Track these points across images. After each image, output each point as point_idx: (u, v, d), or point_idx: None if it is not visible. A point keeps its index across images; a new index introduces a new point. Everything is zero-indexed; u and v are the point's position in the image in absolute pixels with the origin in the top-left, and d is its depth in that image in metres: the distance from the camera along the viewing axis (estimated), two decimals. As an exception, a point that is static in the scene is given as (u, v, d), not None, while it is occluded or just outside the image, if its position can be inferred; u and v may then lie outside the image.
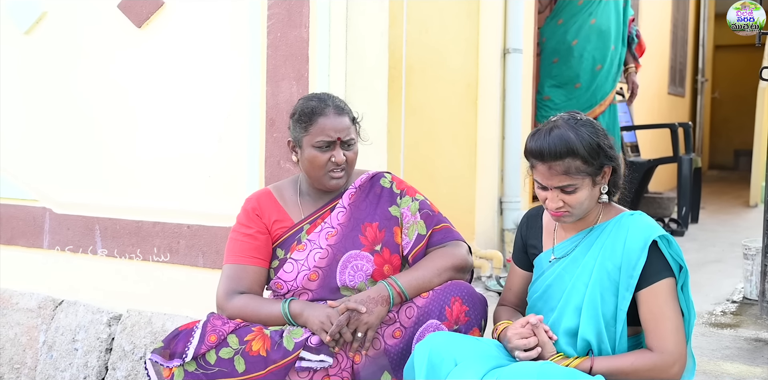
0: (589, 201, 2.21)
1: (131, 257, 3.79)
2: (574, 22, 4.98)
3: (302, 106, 2.54)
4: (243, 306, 2.46)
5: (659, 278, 2.11)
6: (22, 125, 4.09)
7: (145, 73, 3.74)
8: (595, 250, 2.20)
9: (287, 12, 3.28)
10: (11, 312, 3.99)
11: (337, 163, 2.48)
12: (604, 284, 2.16)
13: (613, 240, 2.18)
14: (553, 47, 5.11)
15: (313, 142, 2.48)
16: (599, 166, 2.18)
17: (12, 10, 4.06)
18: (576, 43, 4.95)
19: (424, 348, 2.19)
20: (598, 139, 2.18)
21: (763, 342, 3.27)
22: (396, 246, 2.55)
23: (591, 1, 4.92)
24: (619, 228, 2.20)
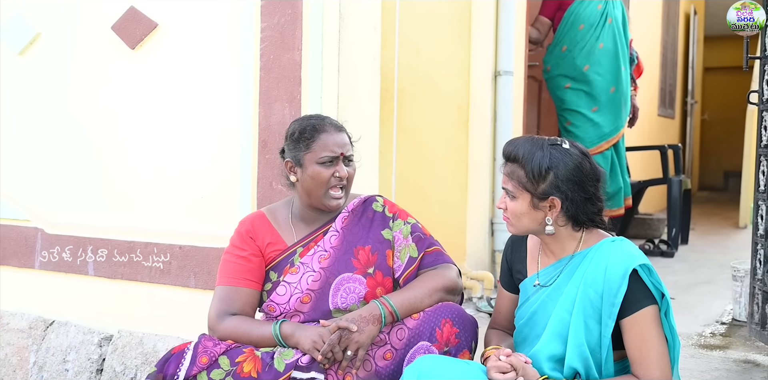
0: (528, 219, 2.25)
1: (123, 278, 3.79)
2: (581, 48, 4.99)
3: (301, 125, 2.56)
4: (234, 328, 2.46)
5: (641, 306, 2.11)
6: (15, 145, 4.09)
7: (138, 94, 3.75)
8: (577, 278, 2.20)
9: (280, 35, 3.30)
10: (2, 332, 3.97)
11: (340, 178, 2.51)
12: (588, 312, 2.16)
13: (594, 267, 2.18)
14: (563, 73, 5.11)
15: (316, 158, 2.49)
16: (543, 192, 2.20)
17: (6, 30, 4.07)
18: (588, 68, 4.98)
19: (413, 371, 2.19)
20: (555, 168, 2.19)
21: (752, 363, 3.28)
22: (388, 268, 2.56)
23: (595, 26, 4.94)
24: (600, 255, 2.20)
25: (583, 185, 2.20)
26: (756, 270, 3.46)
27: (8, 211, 4.12)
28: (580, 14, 4.99)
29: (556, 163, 2.19)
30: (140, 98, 3.75)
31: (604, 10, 4.97)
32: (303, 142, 2.52)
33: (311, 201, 2.57)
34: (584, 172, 2.20)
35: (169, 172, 3.68)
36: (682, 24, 9.91)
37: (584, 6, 4.99)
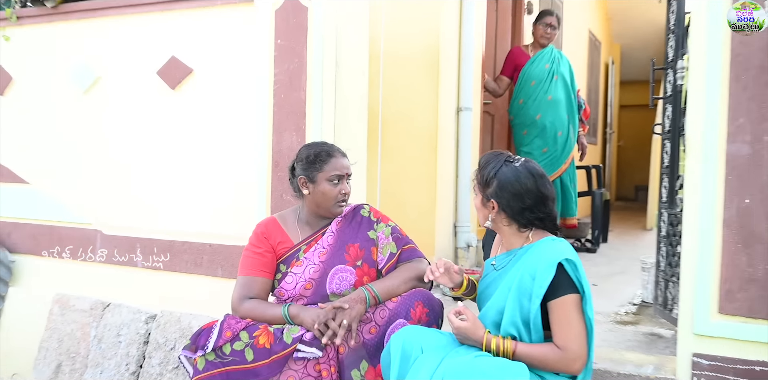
0: (480, 214, 2.32)
1: (165, 269, 3.78)
2: (533, 100, 4.86)
3: (316, 151, 2.59)
4: (252, 309, 2.46)
5: (565, 293, 2.09)
6: (80, 165, 4.07)
7: (177, 124, 3.75)
8: (519, 266, 2.20)
9: (289, 79, 3.30)
10: (69, 312, 3.94)
11: (345, 194, 2.55)
12: (522, 292, 2.15)
13: (533, 258, 2.17)
14: (521, 122, 4.97)
15: (327, 176, 2.52)
16: (487, 195, 2.26)
17: (75, 74, 4.06)
18: (539, 117, 4.85)
19: (399, 338, 2.20)
20: (498, 179, 2.23)
21: (657, 335, 3.29)
22: (373, 261, 2.57)
23: (543, 82, 4.85)
24: (539, 249, 2.20)
25: (521, 197, 2.20)
26: (659, 263, 3.48)
27: (75, 217, 4.09)
28: (531, 73, 4.90)
29: (501, 175, 2.22)
30: (179, 128, 3.74)
31: (551, 69, 4.88)
32: (318, 163, 2.54)
33: (319, 210, 2.58)
34: (524, 187, 2.20)
35: (202, 185, 3.67)
36: (602, 71, 9.97)
37: (534, 66, 4.91)
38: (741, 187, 2.42)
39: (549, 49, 4.97)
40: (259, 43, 3.38)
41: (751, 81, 2.41)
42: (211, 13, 3.62)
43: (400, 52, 4.46)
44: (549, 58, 4.93)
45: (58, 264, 4.15)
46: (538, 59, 4.93)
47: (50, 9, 4.09)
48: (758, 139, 2.40)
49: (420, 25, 4.52)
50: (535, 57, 4.95)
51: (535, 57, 4.95)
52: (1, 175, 4.34)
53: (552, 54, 4.96)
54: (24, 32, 4.26)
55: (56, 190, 4.16)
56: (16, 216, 4.31)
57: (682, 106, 3.21)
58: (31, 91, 4.24)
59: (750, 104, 2.41)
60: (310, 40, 3.25)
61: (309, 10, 3.25)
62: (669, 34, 3.45)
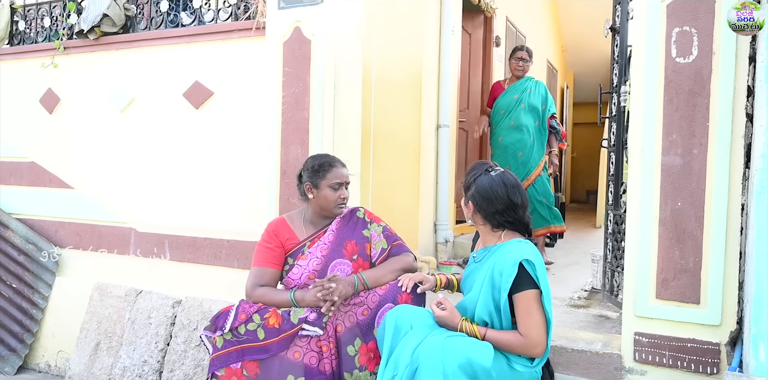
0: (465, 212, 2.35)
1: (189, 261, 3.76)
2: (500, 126, 4.77)
3: (320, 161, 2.60)
4: (263, 295, 2.46)
5: (526, 288, 2.13)
6: (119, 173, 4.06)
7: (200, 138, 3.74)
8: (491, 262, 2.23)
9: (295, 100, 3.30)
10: (107, 298, 3.92)
11: (344, 198, 2.57)
12: (493, 285, 2.18)
13: (501, 256, 2.19)
14: (492, 143, 4.89)
15: (329, 183, 2.53)
16: (467, 197, 2.31)
17: (112, 95, 4.05)
18: (501, 139, 4.75)
19: (393, 314, 2.24)
20: (474, 185, 2.27)
21: (604, 317, 3.30)
22: (367, 256, 2.57)
23: (510, 110, 4.73)
24: (506, 249, 2.22)
25: (493, 201, 2.23)
26: (606, 256, 3.50)
27: (112, 216, 4.08)
28: (501, 103, 4.79)
29: (478, 181, 2.26)
30: (202, 141, 3.73)
31: (519, 99, 4.73)
32: (321, 172, 2.55)
33: (322, 211, 2.59)
34: (495, 193, 2.23)
35: (220, 190, 3.67)
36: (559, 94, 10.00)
37: (505, 98, 4.80)
38: (674, 192, 2.44)
39: (521, 82, 4.83)
40: (270, 70, 3.39)
41: (682, 103, 2.43)
42: (229, 44, 3.63)
43: (388, 78, 4.46)
44: (520, 89, 4.79)
45: (97, 257, 4.13)
46: (510, 91, 4.82)
47: (92, 41, 4.08)
48: (688, 152, 2.42)
49: (406, 55, 4.53)
50: (507, 90, 4.84)
51: (507, 90, 4.83)
52: (51, 181, 4.33)
53: (524, 85, 4.81)
54: (70, 60, 4.25)
55: (97, 194, 4.15)
56: (62, 216, 4.29)
57: (625, 123, 3.22)
58: (76, 109, 4.23)
59: (681, 122, 2.43)
60: (312, 68, 3.25)
61: (312, 42, 3.26)
62: (614, 64, 3.48)
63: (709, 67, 2.39)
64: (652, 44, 2.48)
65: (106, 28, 4.00)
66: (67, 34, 4.26)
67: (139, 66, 3.96)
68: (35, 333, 4.22)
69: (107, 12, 3.93)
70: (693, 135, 2.41)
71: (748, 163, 2.35)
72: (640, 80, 2.52)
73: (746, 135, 2.35)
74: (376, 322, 2.34)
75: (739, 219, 2.36)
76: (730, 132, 2.35)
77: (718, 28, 2.38)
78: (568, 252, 5.66)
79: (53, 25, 4.38)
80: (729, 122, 2.35)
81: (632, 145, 2.55)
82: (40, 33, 4.45)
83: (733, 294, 2.37)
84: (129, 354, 3.66)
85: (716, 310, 2.37)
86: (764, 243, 2.12)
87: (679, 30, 2.44)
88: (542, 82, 4.85)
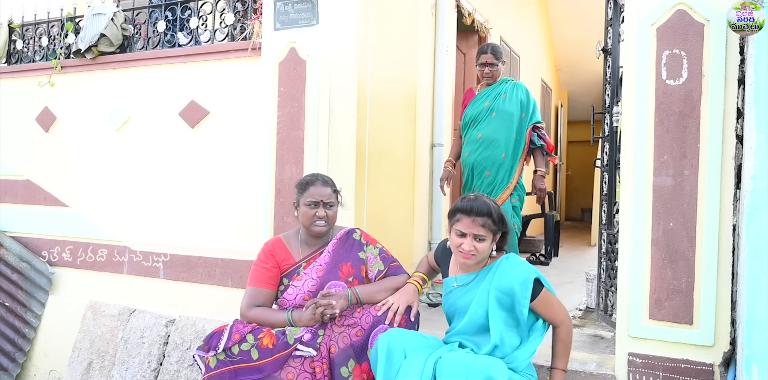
0: (487, 251, 2.29)
1: (183, 280, 3.75)
2: (468, 139, 3.93)
3: (305, 180, 2.62)
4: (259, 315, 2.45)
5: (538, 292, 2.28)
6: (114, 191, 4.06)
7: (195, 157, 3.75)
8: (487, 283, 2.26)
9: (290, 120, 3.32)
10: (100, 317, 3.90)
11: (318, 217, 2.52)
12: (501, 306, 2.26)
13: (504, 276, 2.27)
14: (462, 158, 3.99)
15: (305, 201, 2.54)
16: (499, 229, 2.28)
17: (108, 114, 4.07)
18: (467, 155, 3.90)
19: (385, 338, 2.24)
20: (502, 213, 2.30)
21: (599, 337, 3.29)
22: (362, 278, 2.57)
23: (479, 120, 3.87)
24: (503, 268, 2.29)
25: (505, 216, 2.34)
26: (601, 275, 3.49)
27: (106, 235, 4.08)
28: (471, 113, 3.93)
29: (499, 208, 2.32)
30: (197, 160, 3.75)
31: (490, 107, 3.85)
32: (300, 190, 2.57)
33: (306, 230, 2.58)
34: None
35: (215, 209, 3.67)
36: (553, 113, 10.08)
37: (475, 106, 3.94)
38: (666, 213, 2.45)
39: (494, 86, 3.94)
40: (265, 90, 3.41)
41: (673, 125, 2.46)
42: (225, 64, 3.66)
43: (383, 98, 4.50)
44: (492, 94, 3.91)
45: (91, 276, 4.12)
46: (480, 98, 3.94)
47: (89, 60, 4.11)
48: (679, 173, 2.44)
49: (401, 75, 4.56)
50: (477, 96, 3.98)
51: (477, 96, 3.97)
52: (45, 199, 4.33)
53: (496, 89, 3.92)
54: (67, 79, 4.27)
55: (91, 212, 4.15)
56: (56, 234, 4.29)
57: (618, 144, 3.25)
58: (72, 128, 4.25)
59: (672, 144, 2.45)
60: (308, 88, 3.28)
61: (307, 63, 3.29)
62: (606, 85, 3.51)
63: (699, 90, 2.42)
64: (642, 66, 2.52)
65: (104, 48, 4.03)
66: (64, 54, 4.28)
67: (136, 85, 3.98)
68: (27, 352, 4.19)
69: (105, 32, 3.97)
70: (684, 156, 2.43)
71: (738, 184, 2.37)
72: (631, 101, 2.55)
73: (736, 156, 2.38)
74: (370, 343, 2.33)
75: (731, 239, 2.37)
76: (720, 153, 2.38)
77: (707, 51, 2.41)
78: (562, 271, 5.66)
79: (51, 45, 4.41)
80: (719, 144, 2.38)
81: (624, 165, 2.57)
82: (37, 52, 4.47)
83: (725, 314, 2.37)
84: (122, 373, 3.63)
85: (709, 331, 2.38)
86: (756, 264, 2.13)
87: (669, 53, 2.48)
88: (522, 84, 3.97)
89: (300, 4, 3.34)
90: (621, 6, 3.27)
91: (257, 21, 3.53)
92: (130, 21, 4.09)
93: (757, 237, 2.15)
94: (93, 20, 4.03)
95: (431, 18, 4.78)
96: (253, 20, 3.57)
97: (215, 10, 3.74)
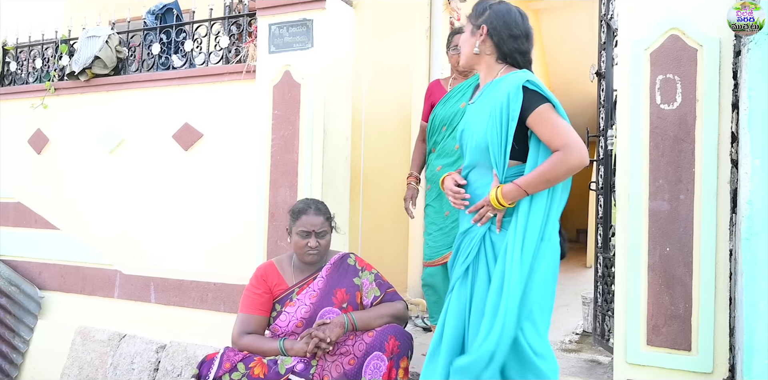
0: (467, 44, 2.13)
1: (174, 304, 3.71)
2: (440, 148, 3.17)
3: (298, 207, 2.59)
4: (250, 343, 2.42)
5: (537, 105, 1.96)
6: (106, 214, 4.03)
7: (188, 180, 3.74)
8: (490, 97, 2.07)
9: (284, 142, 3.32)
10: (89, 342, 3.84)
11: (310, 247, 2.50)
12: (496, 120, 2.00)
13: (502, 87, 2.03)
14: (427, 174, 3.30)
15: (297, 230, 2.51)
16: (479, 23, 2.10)
17: (101, 137, 4.06)
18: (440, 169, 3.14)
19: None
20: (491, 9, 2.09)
21: (596, 362, 3.26)
22: (357, 304, 2.54)
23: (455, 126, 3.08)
24: (507, 79, 2.05)
25: (510, 26, 2.06)
26: (597, 299, 3.47)
27: (97, 258, 4.04)
28: (441, 114, 3.13)
29: (495, 6, 2.10)
30: (190, 183, 3.73)
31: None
32: (293, 218, 2.54)
33: (297, 256, 2.56)
34: (513, 17, 2.07)
35: (208, 232, 3.64)
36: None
37: (448, 105, 3.13)
38: (662, 237, 2.44)
39: (470, 81, 3.14)
40: (259, 112, 3.41)
41: (668, 149, 2.46)
42: (220, 87, 3.66)
43: (379, 120, 4.51)
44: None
45: (81, 300, 4.07)
46: (454, 95, 3.14)
47: (83, 82, 4.11)
48: (675, 197, 2.44)
49: (396, 97, 4.58)
50: (449, 93, 3.16)
51: (450, 93, 3.16)
52: (36, 222, 4.29)
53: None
54: (60, 101, 4.27)
55: (83, 236, 4.11)
56: (47, 257, 4.25)
57: (612, 167, 3.25)
58: (64, 150, 4.23)
59: (667, 168, 2.46)
60: (302, 111, 3.28)
61: (302, 86, 3.30)
62: (600, 108, 3.52)
63: (694, 114, 2.43)
64: (636, 91, 2.53)
65: (98, 70, 4.03)
66: (58, 76, 4.29)
67: (130, 108, 3.98)
68: (15, 378, 4.12)
69: (99, 54, 3.97)
70: (680, 180, 2.43)
71: (734, 209, 2.37)
72: (625, 126, 2.55)
73: (732, 180, 2.38)
74: (363, 371, 2.29)
75: (728, 264, 2.36)
76: (715, 178, 2.38)
77: (701, 75, 2.42)
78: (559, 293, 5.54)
79: (45, 66, 4.42)
80: (714, 168, 2.38)
81: (620, 189, 2.57)
82: (31, 74, 4.48)
83: (724, 341, 2.35)
84: (110, 401, 3.58)
85: (708, 357, 2.35)
86: (754, 290, 2.12)
87: (663, 77, 2.49)
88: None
89: (295, 28, 3.36)
90: (614, 30, 3.30)
91: (252, 44, 3.54)
92: (124, 43, 4.10)
93: (755, 262, 2.14)
94: (87, 42, 4.04)
95: (426, 40, 4.82)
96: (247, 43, 3.59)
97: (210, 33, 3.76)
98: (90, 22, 4.29)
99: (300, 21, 3.33)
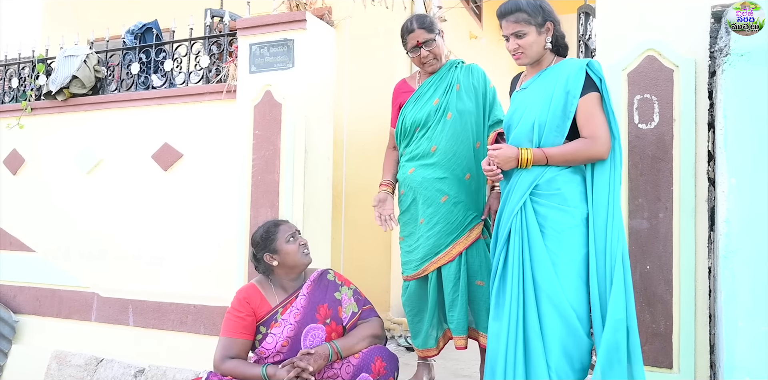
0: (537, 44, 2.28)
1: (153, 327, 3.68)
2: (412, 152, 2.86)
3: (263, 230, 2.60)
4: (233, 368, 2.40)
5: (588, 92, 2.18)
6: (83, 236, 4.00)
7: (168, 201, 3.73)
8: (546, 81, 2.28)
9: (265, 163, 3.33)
10: (66, 367, 3.79)
11: (303, 245, 2.58)
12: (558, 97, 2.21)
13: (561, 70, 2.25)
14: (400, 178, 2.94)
15: (284, 238, 2.56)
16: (543, 20, 2.26)
17: (79, 157, 4.04)
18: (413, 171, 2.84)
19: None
20: (542, 6, 2.26)
21: None
22: (339, 319, 2.54)
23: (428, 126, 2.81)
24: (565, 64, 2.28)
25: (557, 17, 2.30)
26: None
27: (74, 281, 4.01)
28: (414, 116, 2.82)
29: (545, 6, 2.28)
30: (170, 204, 3.72)
31: (442, 104, 2.79)
32: (271, 236, 2.54)
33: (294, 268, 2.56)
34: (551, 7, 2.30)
35: (187, 254, 3.63)
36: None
37: (420, 105, 2.83)
38: (642, 256, 2.49)
39: (441, 74, 2.87)
40: (240, 132, 3.43)
41: (647, 168, 2.52)
42: (200, 106, 3.68)
43: (361, 139, 4.55)
44: (441, 87, 2.85)
45: (57, 324, 4.02)
46: (424, 92, 2.86)
47: (60, 102, 4.11)
48: (654, 216, 2.49)
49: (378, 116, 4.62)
50: (418, 90, 2.88)
51: (419, 90, 2.88)
52: (11, 244, 4.25)
53: (447, 78, 2.85)
54: (36, 121, 4.25)
55: (59, 258, 4.08)
56: (21, 280, 4.20)
57: (593, 185, 3.29)
58: (41, 171, 4.21)
59: (646, 187, 2.51)
60: (283, 131, 3.30)
61: (283, 105, 3.33)
62: (580, 126, 3.59)
63: (671, 133, 2.49)
64: (617, 110, 2.58)
65: (75, 90, 4.03)
66: (35, 95, 4.27)
67: (108, 128, 3.98)
68: (-13, 405, 4.05)
69: (77, 73, 3.97)
70: (658, 199, 2.48)
71: (712, 227, 2.43)
72: (605, 145, 2.60)
73: (709, 199, 2.44)
74: (349, 393, 2.30)
75: (707, 282, 2.41)
76: (693, 196, 2.44)
77: (677, 95, 2.49)
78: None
79: (21, 86, 4.40)
80: (692, 186, 2.44)
81: (600, 208, 2.61)
82: (7, 93, 4.46)
83: (704, 358, 2.39)
84: (87, 427, 3.52)
85: (689, 375, 2.39)
86: (733, 308, 2.16)
87: (641, 97, 2.55)
88: (478, 67, 2.91)
89: (276, 48, 3.40)
90: (592, 50, 3.38)
91: (233, 64, 3.57)
92: (103, 63, 4.11)
93: (733, 280, 2.18)
94: (65, 62, 4.04)
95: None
96: (228, 63, 3.61)
97: (190, 52, 3.78)
98: (68, 41, 4.29)
99: (281, 41, 3.36)
